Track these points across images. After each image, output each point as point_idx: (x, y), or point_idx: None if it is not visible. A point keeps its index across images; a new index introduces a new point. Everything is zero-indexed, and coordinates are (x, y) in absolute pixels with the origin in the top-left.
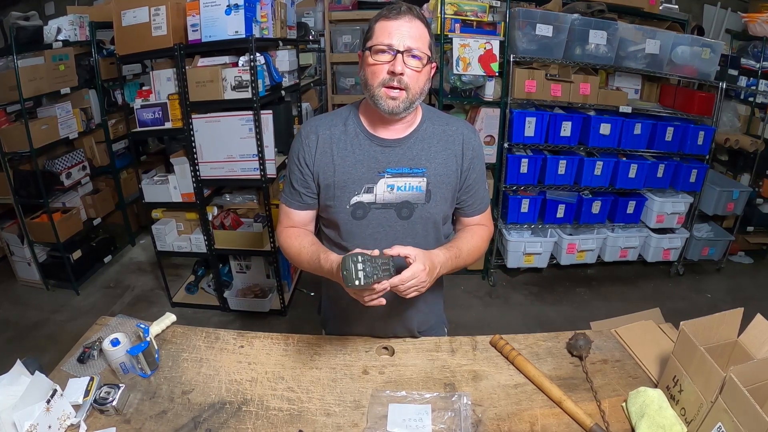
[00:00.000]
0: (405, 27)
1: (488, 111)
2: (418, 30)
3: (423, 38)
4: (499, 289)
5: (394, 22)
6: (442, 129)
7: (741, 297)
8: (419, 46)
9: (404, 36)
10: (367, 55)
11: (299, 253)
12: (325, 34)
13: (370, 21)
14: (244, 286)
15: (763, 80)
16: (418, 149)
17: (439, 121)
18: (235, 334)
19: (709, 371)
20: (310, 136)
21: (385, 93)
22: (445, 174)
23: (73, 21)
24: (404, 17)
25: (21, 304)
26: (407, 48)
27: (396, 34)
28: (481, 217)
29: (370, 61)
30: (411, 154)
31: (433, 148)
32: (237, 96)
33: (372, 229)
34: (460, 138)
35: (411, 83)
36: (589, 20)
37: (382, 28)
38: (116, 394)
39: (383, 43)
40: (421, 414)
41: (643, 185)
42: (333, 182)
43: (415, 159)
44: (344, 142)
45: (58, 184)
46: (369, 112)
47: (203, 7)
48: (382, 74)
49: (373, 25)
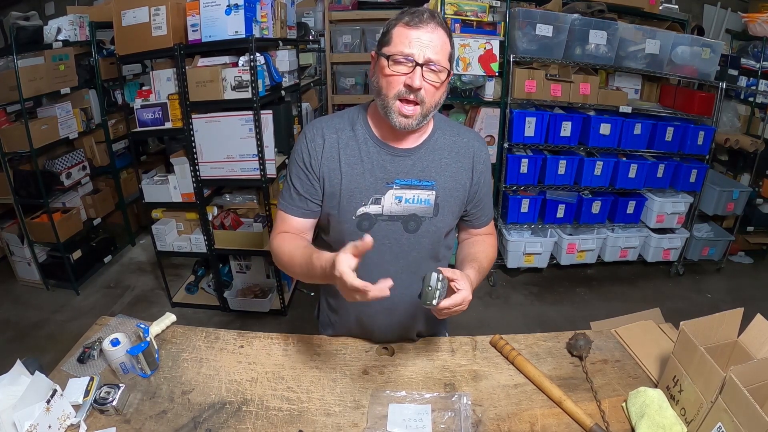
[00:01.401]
0: (426, 37)
1: (488, 111)
2: (440, 40)
3: (444, 50)
4: (499, 289)
5: (415, 31)
6: (452, 140)
7: (741, 297)
8: (440, 59)
9: (425, 47)
10: (382, 63)
11: (291, 256)
12: (325, 34)
13: (388, 22)
14: (244, 286)
15: (763, 80)
16: (428, 161)
17: (450, 131)
18: (235, 334)
19: (709, 371)
20: (316, 139)
21: (398, 108)
22: (454, 188)
23: (73, 21)
24: (427, 26)
25: (21, 304)
26: (427, 60)
27: (416, 44)
28: (488, 227)
29: (386, 71)
30: (421, 166)
31: (444, 160)
32: (237, 96)
33: (377, 241)
34: (471, 151)
35: (427, 97)
36: (589, 20)
37: (402, 35)
38: (116, 394)
39: (402, 53)
40: (421, 414)
41: (643, 185)
42: (339, 190)
43: (425, 171)
44: (352, 149)
45: (58, 184)
46: (379, 119)
47: (203, 7)
48: (399, 86)
49: (392, 29)
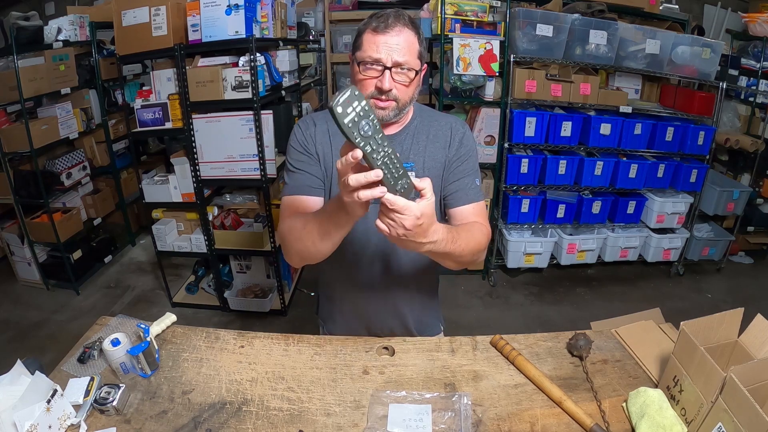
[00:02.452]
0: (393, 41)
1: (488, 111)
2: (407, 41)
3: (412, 49)
4: (500, 289)
5: (382, 36)
6: (429, 124)
7: (741, 297)
8: (407, 59)
9: (392, 50)
10: (355, 68)
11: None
12: (325, 34)
13: (359, 27)
14: (244, 286)
15: (763, 80)
16: (407, 144)
17: (429, 118)
18: (235, 334)
19: (710, 371)
20: (309, 127)
21: (374, 103)
22: (433, 166)
23: (73, 21)
24: (392, 30)
25: (21, 304)
26: (395, 63)
27: (384, 48)
28: (474, 211)
29: (359, 77)
30: (400, 149)
31: (422, 142)
32: (237, 96)
33: (368, 223)
34: (448, 128)
35: (400, 95)
36: (589, 20)
37: (370, 41)
38: (116, 394)
39: (372, 58)
40: (422, 414)
41: (643, 185)
42: (332, 174)
43: (404, 153)
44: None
45: (59, 184)
46: None
47: (203, 7)
48: (371, 88)
49: (362, 34)
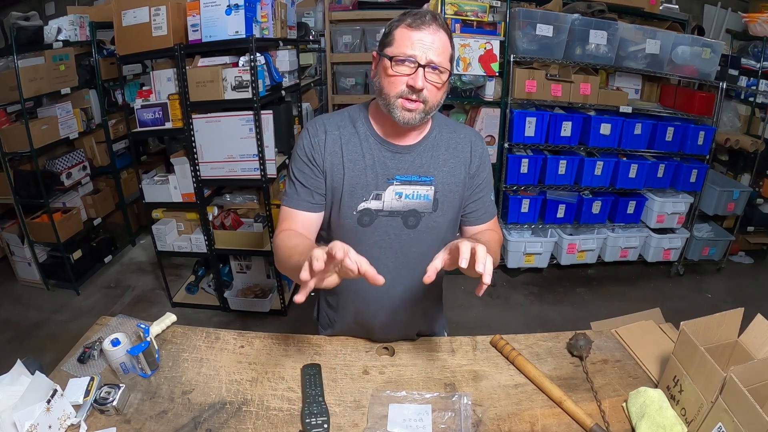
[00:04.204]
0: (429, 39)
1: (488, 111)
2: (442, 42)
3: (446, 51)
4: (500, 289)
5: (417, 32)
6: (450, 136)
7: (741, 297)
8: (441, 60)
9: (427, 48)
10: (385, 63)
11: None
12: (325, 34)
13: (390, 23)
14: (244, 286)
15: (763, 80)
16: (427, 157)
17: (448, 128)
18: (235, 334)
19: (710, 371)
20: (319, 134)
21: (401, 104)
22: (453, 183)
23: (73, 21)
24: (429, 28)
25: (21, 304)
26: (429, 62)
27: (419, 45)
28: (490, 226)
29: (389, 72)
30: (420, 162)
31: (442, 156)
32: (237, 96)
33: (378, 236)
34: (468, 145)
35: (430, 97)
36: (589, 20)
37: (405, 37)
38: (116, 394)
39: (405, 54)
40: (422, 414)
41: (643, 185)
42: (341, 185)
43: (423, 167)
44: (354, 145)
45: (59, 184)
46: (380, 117)
47: (203, 7)
48: (401, 86)
49: (394, 30)
